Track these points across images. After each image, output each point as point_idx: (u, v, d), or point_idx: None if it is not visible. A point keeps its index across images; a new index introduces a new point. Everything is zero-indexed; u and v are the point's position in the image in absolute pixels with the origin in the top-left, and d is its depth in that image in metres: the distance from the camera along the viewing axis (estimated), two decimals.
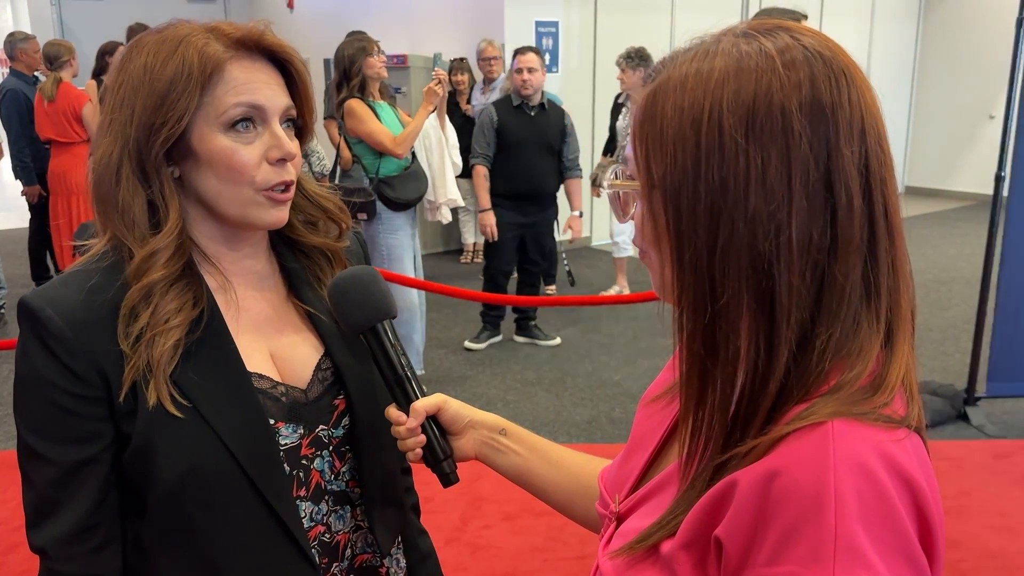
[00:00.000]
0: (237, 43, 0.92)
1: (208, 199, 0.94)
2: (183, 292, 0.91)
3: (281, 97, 0.94)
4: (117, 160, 0.90)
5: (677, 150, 0.64)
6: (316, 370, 1.02)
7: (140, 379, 0.88)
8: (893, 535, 0.58)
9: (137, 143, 0.90)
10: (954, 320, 5.31)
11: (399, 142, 3.94)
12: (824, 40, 0.66)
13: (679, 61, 0.67)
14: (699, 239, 0.64)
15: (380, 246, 4.09)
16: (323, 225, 1.06)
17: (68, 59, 5.33)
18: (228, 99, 0.90)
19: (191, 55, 0.89)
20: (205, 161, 0.91)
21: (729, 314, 0.64)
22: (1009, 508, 3.08)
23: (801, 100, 0.62)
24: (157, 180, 0.91)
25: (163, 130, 0.88)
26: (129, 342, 0.88)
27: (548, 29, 7.09)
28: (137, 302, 0.89)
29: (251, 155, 0.92)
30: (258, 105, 0.92)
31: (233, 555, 0.93)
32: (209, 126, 0.90)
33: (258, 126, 0.93)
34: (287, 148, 0.93)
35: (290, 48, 0.96)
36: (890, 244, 0.66)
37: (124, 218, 0.91)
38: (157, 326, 0.88)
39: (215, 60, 0.89)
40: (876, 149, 0.65)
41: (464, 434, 1.01)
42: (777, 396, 0.64)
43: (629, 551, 0.71)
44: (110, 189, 0.91)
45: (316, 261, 1.06)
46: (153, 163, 0.90)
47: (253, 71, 0.92)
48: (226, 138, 0.91)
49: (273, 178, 0.93)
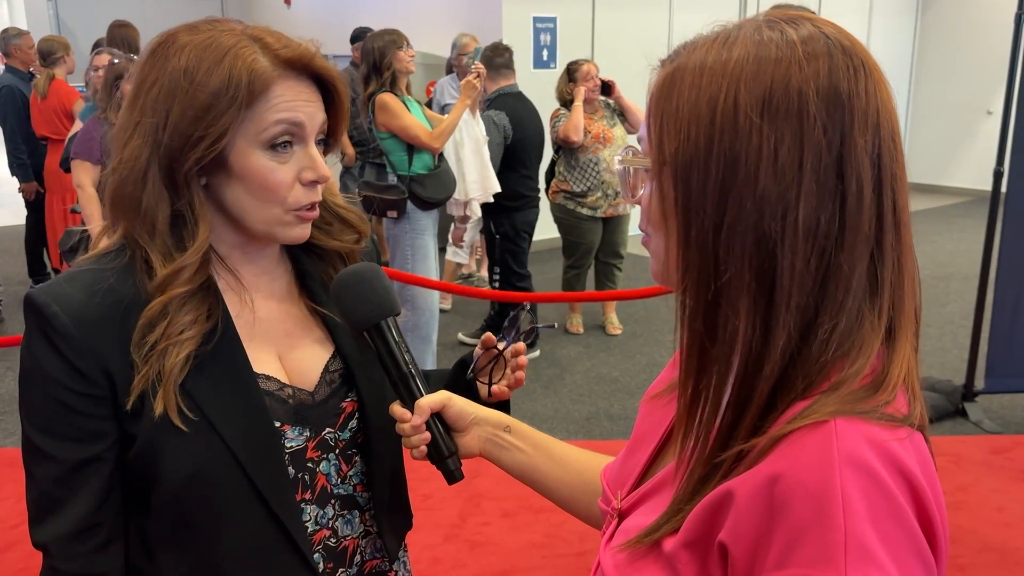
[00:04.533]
0: (287, 63, 0.90)
1: (234, 212, 0.93)
2: (199, 305, 0.90)
3: (319, 114, 0.94)
4: (145, 164, 0.89)
5: (691, 127, 0.64)
6: (324, 372, 1.01)
7: (148, 389, 0.88)
8: (902, 533, 0.58)
9: (170, 151, 0.88)
10: (952, 316, 5.31)
11: (435, 136, 3.84)
12: (845, 33, 0.67)
13: (701, 44, 0.67)
14: (706, 216, 0.64)
15: (405, 246, 3.99)
16: (338, 229, 1.05)
17: (62, 55, 5.31)
18: (269, 116, 0.89)
19: (239, 70, 0.87)
20: (238, 176, 0.90)
21: (730, 293, 0.64)
22: (1007, 503, 3.08)
23: (819, 85, 0.63)
24: (187, 192, 0.90)
25: (201, 144, 0.87)
26: (142, 352, 0.87)
27: (546, 25, 7.08)
28: (156, 314, 0.88)
29: (286, 176, 0.91)
30: (299, 122, 0.91)
31: (234, 557, 0.93)
32: (248, 142, 0.89)
33: (295, 145, 0.92)
34: (321, 171, 0.93)
35: (336, 72, 0.95)
36: (896, 240, 0.66)
37: (145, 223, 0.90)
38: (171, 337, 0.88)
39: (264, 79, 0.88)
40: (889, 143, 0.65)
41: (468, 431, 1.01)
42: (776, 384, 0.64)
43: (632, 547, 0.71)
44: (134, 191, 0.89)
45: (330, 262, 1.05)
46: (184, 174, 0.89)
47: (298, 91, 0.91)
48: (264, 156, 0.90)
49: (304, 200, 0.93)
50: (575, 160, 4.69)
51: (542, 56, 7.11)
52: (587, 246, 4.86)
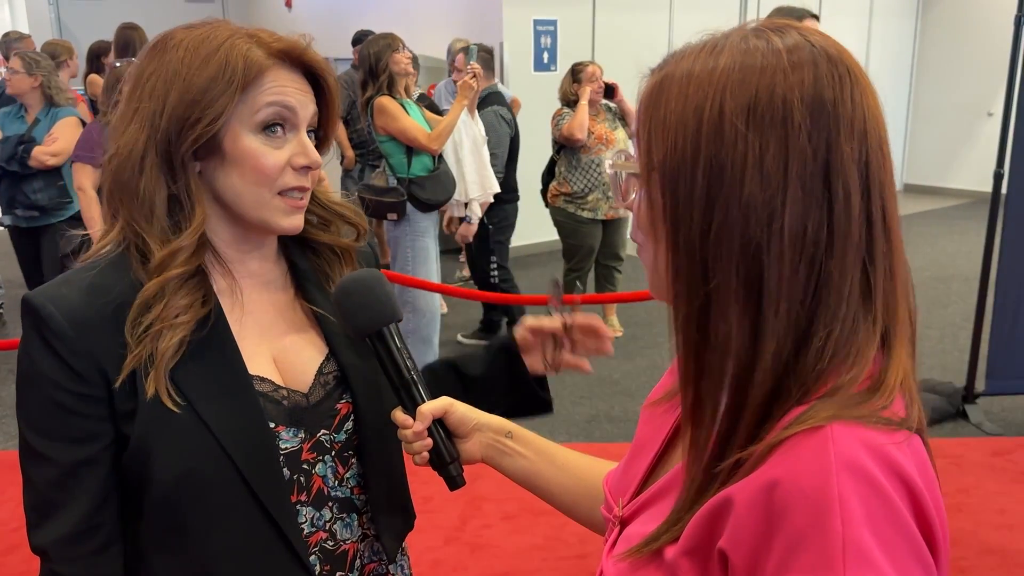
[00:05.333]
0: (279, 53, 0.93)
1: (227, 198, 0.94)
2: (194, 290, 0.91)
3: (310, 105, 0.96)
4: (142, 150, 0.90)
5: (678, 134, 0.65)
6: (318, 373, 1.01)
7: (140, 370, 0.88)
8: (900, 537, 0.58)
9: (167, 135, 0.90)
10: (953, 317, 5.31)
11: (434, 138, 3.85)
12: (832, 41, 0.67)
13: (688, 53, 0.68)
14: (693, 223, 0.65)
15: (406, 248, 3.99)
16: (336, 227, 1.07)
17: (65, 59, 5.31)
18: (262, 99, 0.92)
19: (235, 58, 0.90)
20: (231, 160, 0.92)
21: (719, 299, 0.64)
22: (1008, 505, 3.08)
23: (803, 93, 0.63)
24: (184, 176, 0.91)
25: (197, 126, 0.89)
26: (136, 333, 0.88)
27: (547, 28, 7.09)
28: (152, 296, 0.89)
29: (278, 159, 0.93)
30: (290, 106, 0.93)
31: (228, 559, 0.92)
32: (242, 125, 0.91)
33: (287, 132, 0.94)
34: (313, 157, 0.96)
35: (327, 65, 0.98)
36: (887, 247, 0.66)
37: (142, 208, 0.91)
38: (166, 320, 0.89)
39: (258, 65, 0.91)
40: (877, 151, 0.65)
41: (470, 437, 1.01)
42: (771, 392, 0.64)
43: (633, 556, 0.71)
44: (131, 178, 0.91)
45: (326, 259, 1.06)
46: (180, 158, 0.90)
47: (290, 79, 0.94)
48: (256, 140, 0.92)
49: (291, 181, 0.95)
50: (576, 160, 4.70)
51: (542, 59, 7.11)
52: (587, 249, 4.85)
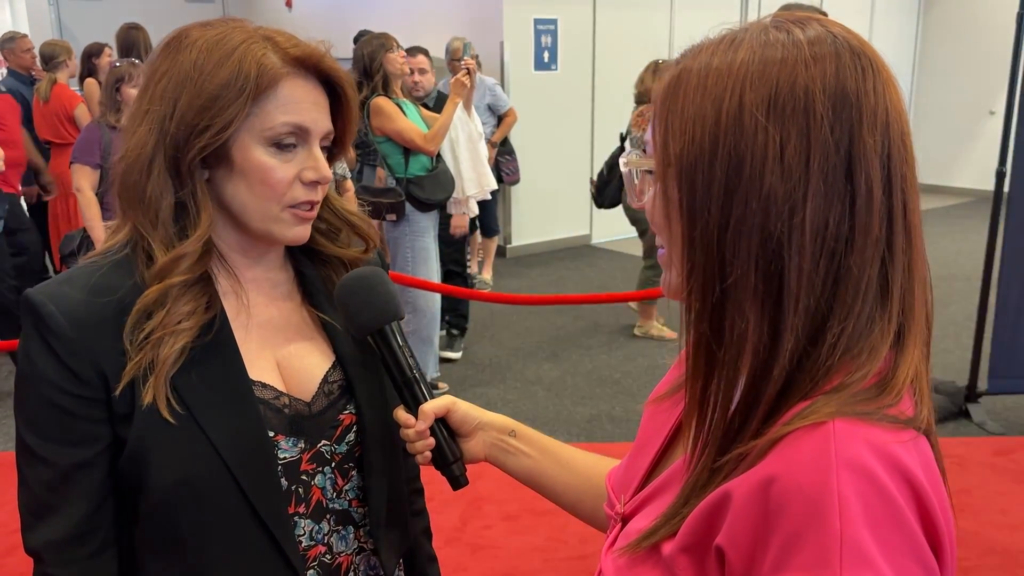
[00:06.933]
0: (296, 61, 0.91)
1: (234, 208, 0.93)
2: (198, 295, 0.90)
3: (325, 121, 0.94)
4: (151, 152, 0.89)
5: (696, 127, 0.64)
6: (323, 383, 0.99)
7: (139, 377, 0.86)
8: (900, 537, 0.57)
9: (175, 140, 0.88)
10: (955, 316, 5.30)
11: (430, 138, 3.84)
12: (854, 34, 0.66)
13: (706, 47, 0.67)
14: (711, 217, 0.63)
15: (405, 248, 3.98)
16: (345, 236, 1.05)
17: (65, 59, 5.30)
18: (277, 116, 0.89)
19: (249, 64, 0.87)
20: (240, 171, 0.90)
21: (736, 295, 0.63)
22: (1010, 505, 3.07)
23: (826, 85, 0.62)
24: (191, 182, 0.90)
25: (206, 133, 0.87)
26: (136, 340, 0.86)
27: (547, 27, 7.08)
28: (153, 302, 0.88)
29: (287, 174, 0.91)
30: (304, 127, 0.91)
31: (223, 568, 0.91)
32: (252, 137, 0.89)
33: (298, 147, 0.92)
34: (323, 172, 0.93)
35: (345, 74, 0.95)
36: (907, 243, 0.65)
37: (148, 212, 0.90)
38: (168, 327, 0.87)
39: (272, 74, 0.88)
40: (899, 144, 0.64)
41: (473, 436, 1.01)
42: (783, 387, 0.63)
43: (631, 551, 0.70)
44: (138, 181, 0.89)
45: (334, 268, 1.04)
46: (188, 164, 0.89)
47: (305, 91, 0.92)
48: (266, 153, 0.90)
49: (301, 196, 0.93)
50: None
51: (543, 58, 7.11)
52: None
